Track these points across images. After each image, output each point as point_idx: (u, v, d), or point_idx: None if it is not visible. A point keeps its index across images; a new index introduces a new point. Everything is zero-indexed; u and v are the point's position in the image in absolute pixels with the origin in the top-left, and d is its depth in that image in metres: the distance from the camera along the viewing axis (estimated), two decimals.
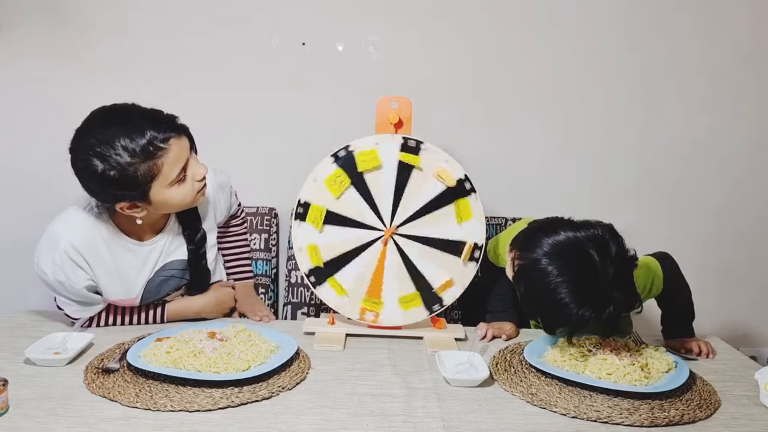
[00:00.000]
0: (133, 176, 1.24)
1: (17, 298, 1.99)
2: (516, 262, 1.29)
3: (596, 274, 1.20)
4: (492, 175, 1.67)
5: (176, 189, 1.32)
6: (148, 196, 1.29)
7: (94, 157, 1.23)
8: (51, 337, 1.29)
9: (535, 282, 1.24)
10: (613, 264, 1.22)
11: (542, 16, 2.04)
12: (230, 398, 1.10)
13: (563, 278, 1.20)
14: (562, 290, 1.20)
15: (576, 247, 1.23)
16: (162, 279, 1.46)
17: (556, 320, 1.26)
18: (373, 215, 1.41)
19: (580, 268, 1.21)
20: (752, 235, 2.19)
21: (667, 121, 2.10)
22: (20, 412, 1.05)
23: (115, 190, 1.26)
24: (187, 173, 1.33)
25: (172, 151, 1.28)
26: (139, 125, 1.24)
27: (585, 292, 1.20)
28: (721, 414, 1.14)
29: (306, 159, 1.65)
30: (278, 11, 2.03)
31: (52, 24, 2.00)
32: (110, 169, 1.23)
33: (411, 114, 1.41)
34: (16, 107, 2.05)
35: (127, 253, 1.40)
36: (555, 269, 1.22)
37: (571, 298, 1.19)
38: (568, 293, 1.20)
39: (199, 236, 1.49)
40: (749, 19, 2.06)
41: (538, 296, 1.25)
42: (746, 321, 2.25)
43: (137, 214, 1.33)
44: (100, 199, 1.33)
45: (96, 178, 1.24)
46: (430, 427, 1.05)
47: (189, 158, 1.33)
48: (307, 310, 1.97)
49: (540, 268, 1.23)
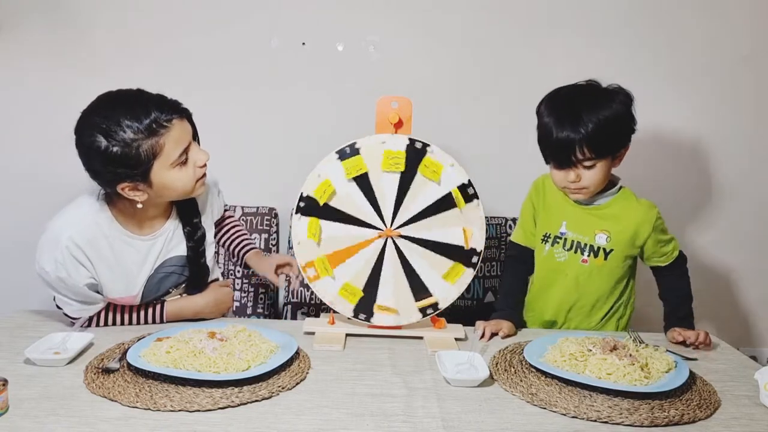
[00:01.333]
0: (136, 153, 1.26)
1: (17, 298, 1.99)
2: (584, 157, 1.45)
3: (572, 103, 1.45)
4: (492, 175, 1.68)
5: (177, 172, 1.33)
6: (149, 176, 1.30)
7: (98, 134, 1.25)
8: (51, 337, 1.29)
9: (538, 129, 1.50)
10: (593, 95, 1.46)
11: (542, 15, 2.05)
12: (230, 398, 1.09)
13: (546, 111, 1.47)
14: (546, 120, 1.46)
15: (560, 88, 1.51)
16: (162, 275, 1.46)
17: (547, 150, 1.49)
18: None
19: (558, 100, 1.48)
20: (752, 235, 2.19)
21: (667, 120, 2.10)
22: (20, 412, 1.05)
23: (117, 168, 1.27)
24: (188, 157, 1.34)
25: (175, 131, 1.30)
26: (143, 105, 1.28)
27: (563, 118, 1.44)
28: (721, 414, 1.13)
29: (306, 159, 1.65)
30: (278, 11, 2.03)
31: (52, 24, 2.00)
32: (114, 145, 1.25)
33: (411, 114, 1.41)
34: (16, 107, 2.05)
35: (128, 248, 1.40)
36: (543, 107, 1.49)
37: (551, 124, 1.45)
38: (549, 122, 1.45)
39: (199, 233, 1.49)
40: (749, 19, 2.06)
41: (539, 138, 1.50)
42: (746, 321, 2.25)
43: (138, 197, 1.33)
44: (102, 180, 1.33)
45: (99, 155, 1.26)
46: (430, 427, 1.05)
47: (191, 143, 1.35)
48: (307, 310, 1.97)
49: (538, 114, 1.50)
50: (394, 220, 1.42)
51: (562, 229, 1.54)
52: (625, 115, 1.46)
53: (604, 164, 1.47)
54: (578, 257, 1.53)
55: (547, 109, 1.48)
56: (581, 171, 1.46)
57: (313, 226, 1.41)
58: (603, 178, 1.49)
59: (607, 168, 1.48)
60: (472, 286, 1.92)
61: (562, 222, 1.55)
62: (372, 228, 1.42)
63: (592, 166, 1.46)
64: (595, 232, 1.52)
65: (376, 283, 1.43)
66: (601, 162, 1.46)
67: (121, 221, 1.40)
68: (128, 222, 1.41)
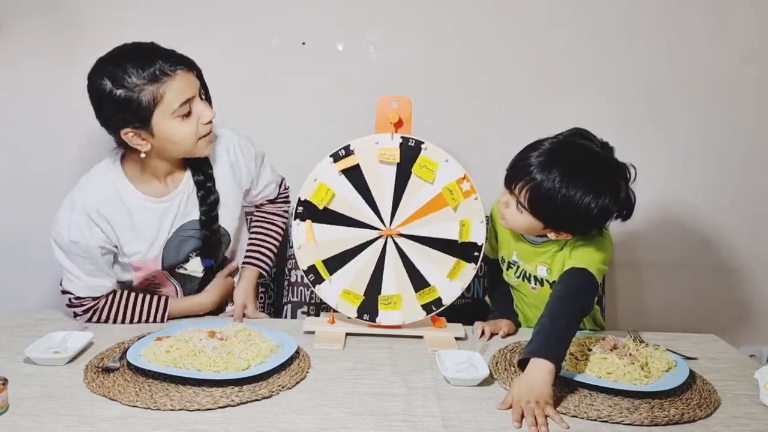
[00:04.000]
0: (138, 98, 1.30)
1: (17, 298, 1.99)
2: (520, 197, 1.32)
3: (598, 160, 1.26)
4: (492, 175, 1.68)
5: (179, 124, 1.35)
6: (150, 123, 1.33)
7: (106, 77, 1.31)
8: (51, 336, 1.29)
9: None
10: (602, 146, 1.29)
11: (542, 15, 2.04)
12: (230, 397, 1.10)
13: (568, 181, 1.25)
14: (574, 193, 1.24)
15: (566, 146, 1.29)
16: (181, 239, 1.49)
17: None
18: (373, 215, 1.41)
19: (580, 161, 1.26)
20: (752, 234, 2.19)
21: (668, 120, 2.10)
22: (20, 411, 1.05)
23: (121, 112, 1.32)
24: (192, 111, 1.36)
25: (178, 81, 1.33)
26: (150, 55, 1.32)
27: (594, 183, 1.25)
28: (720, 413, 1.14)
29: (306, 159, 1.65)
30: (278, 11, 2.03)
31: (52, 24, 2.00)
32: (118, 88, 1.30)
33: (411, 114, 1.41)
34: (16, 107, 2.05)
35: (144, 212, 1.44)
36: (557, 176, 1.25)
37: (584, 195, 1.24)
38: (579, 193, 1.24)
39: (212, 198, 1.50)
40: (749, 19, 2.06)
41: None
42: (746, 320, 2.25)
43: (141, 147, 1.36)
44: (109, 126, 1.37)
45: (105, 98, 1.31)
46: (430, 426, 1.05)
47: (195, 96, 1.37)
48: (307, 309, 1.97)
49: (546, 187, 1.26)
50: (393, 220, 1.42)
51: (514, 257, 1.52)
52: (590, 216, 1.28)
53: (533, 222, 1.35)
54: (527, 284, 1.52)
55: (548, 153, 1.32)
56: (512, 205, 1.37)
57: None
58: (526, 229, 1.40)
59: (534, 226, 1.36)
60: (472, 286, 1.92)
61: (513, 252, 1.52)
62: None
63: (522, 210, 1.35)
64: (537, 264, 1.47)
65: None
66: (530, 217, 1.34)
67: (136, 184, 1.43)
68: (143, 184, 1.44)
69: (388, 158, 1.39)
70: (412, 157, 1.39)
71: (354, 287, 1.43)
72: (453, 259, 1.42)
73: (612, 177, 1.30)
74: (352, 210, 1.41)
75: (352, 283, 1.43)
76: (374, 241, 1.42)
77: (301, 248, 1.43)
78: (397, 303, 1.43)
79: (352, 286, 1.43)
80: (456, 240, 1.41)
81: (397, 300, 1.43)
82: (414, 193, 1.40)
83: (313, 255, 1.43)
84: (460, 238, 1.41)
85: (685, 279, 2.18)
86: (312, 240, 1.42)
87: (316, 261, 1.43)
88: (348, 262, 1.43)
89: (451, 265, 1.41)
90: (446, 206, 1.40)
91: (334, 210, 1.41)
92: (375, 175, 1.40)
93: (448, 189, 1.39)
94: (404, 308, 1.43)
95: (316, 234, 1.42)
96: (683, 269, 2.17)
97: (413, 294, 1.43)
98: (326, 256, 1.43)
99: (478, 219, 1.41)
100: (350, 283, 1.43)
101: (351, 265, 1.43)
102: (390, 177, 1.40)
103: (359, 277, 1.43)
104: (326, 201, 1.40)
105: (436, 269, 1.42)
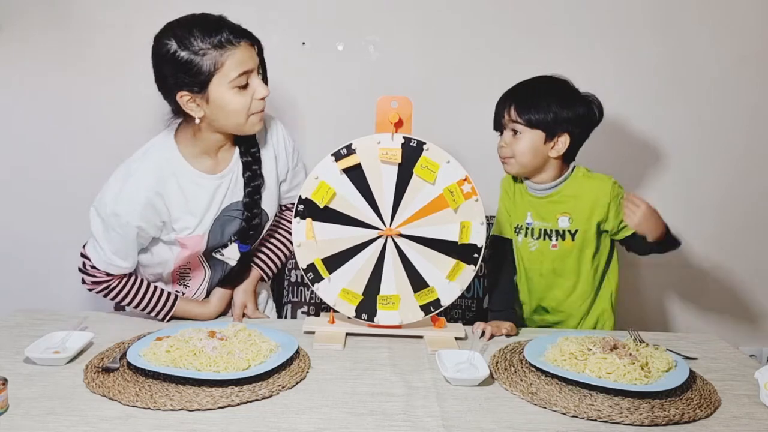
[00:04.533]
0: (199, 62, 1.34)
1: (17, 298, 1.99)
2: (512, 116, 1.52)
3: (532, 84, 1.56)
4: (492, 175, 1.68)
5: (234, 95, 1.38)
6: (207, 89, 1.36)
7: (172, 38, 1.35)
8: (51, 336, 1.29)
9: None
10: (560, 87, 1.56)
11: (542, 15, 2.05)
12: (230, 397, 1.10)
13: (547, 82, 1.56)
14: (553, 84, 1.54)
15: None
16: (226, 219, 1.51)
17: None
18: (373, 214, 1.41)
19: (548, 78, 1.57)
20: (752, 234, 2.19)
21: (668, 120, 2.10)
22: (20, 411, 1.05)
23: (179, 73, 1.35)
24: (248, 84, 1.39)
25: (240, 52, 1.36)
26: (218, 24, 1.37)
27: (568, 84, 1.55)
28: (721, 413, 1.13)
29: (306, 159, 1.66)
30: (278, 11, 2.03)
31: (52, 24, 2.00)
32: (182, 50, 1.34)
33: (411, 113, 1.41)
34: (16, 107, 2.05)
35: (196, 187, 1.46)
36: (535, 83, 1.56)
37: (563, 85, 1.54)
38: (557, 84, 1.54)
39: (258, 181, 1.52)
40: (749, 19, 2.06)
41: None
42: (746, 320, 2.25)
43: (195, 112, 1.39)
44: (166, 88, 1.40)
45: (167, 59, 1.35)
46: (430, 426, 1.05)
47: (254, 71, 1.40)
48: (307, 309, 1.97)
49: (528, 92, 1.54)
50: (393, 220, 1.42)
51: (528, 219, 1.59)
52: (573, 105, 1.52)
53: (532, 137, 1.52)
54: (548, 243, 1.57)
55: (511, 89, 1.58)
56: (509, 138, 1.54)
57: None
58: (529, 152, 1.53)
59: (534, 143, 1.52)
60: (472, 286, 1.92)
61: (527, 213, 1.59)
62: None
63: (518, 132, 1.52)
64: (557, 216, 1.55)
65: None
66: (529, 133, 1.51)
67: (189, 159, 1.46)
68: (195, 159, 1.46)
69: (390, 158, 1.39)
70: (413, 157, 1.39)
71: (353, 286, 1.43)
72: (452, 260, 1.42)
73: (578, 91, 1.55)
74: (352, 209, 1.41)
75: (351, 282, 1.43)
76: (374, 240, 1.43)
77: (300, 246, 1.43)
78: (396, 303, 1.43)
79: (351, 286, 1.43)
80: (456, 241, 1.41)
81: (396, 300, 1.43)
82: (415, 193, 1.40)
83: (312, 253, 1.43)
84: (460, 239, 1.41)
85: (686, 279, 2.18)
86: (312, 238, 1.42)
87: (315, 259, 1.43)
88: (347, 261, 1.43)
89: (451, 267, 1.41)
90: (447, 207, 1.40)
91: (334, 209, 1.41)
92: (376, 174, 1.40)
93: (449, 190, 1.39)
94: (403, 308, 1.43)
95: (316, 232, 1.42)
96: (683, 269, 2.17)
97: (412, 294, 1.43)
98: (326, 255, 1.43)
99: (478, 221, 1.40)
100: (349, 283, 1.43)
101: (350, 264, 1.43)
102: (391, 177, 1.40)
103: (358, 277, 1.43)
104: (327, 199, 1.40)
105: (436, 270, 1.42)
